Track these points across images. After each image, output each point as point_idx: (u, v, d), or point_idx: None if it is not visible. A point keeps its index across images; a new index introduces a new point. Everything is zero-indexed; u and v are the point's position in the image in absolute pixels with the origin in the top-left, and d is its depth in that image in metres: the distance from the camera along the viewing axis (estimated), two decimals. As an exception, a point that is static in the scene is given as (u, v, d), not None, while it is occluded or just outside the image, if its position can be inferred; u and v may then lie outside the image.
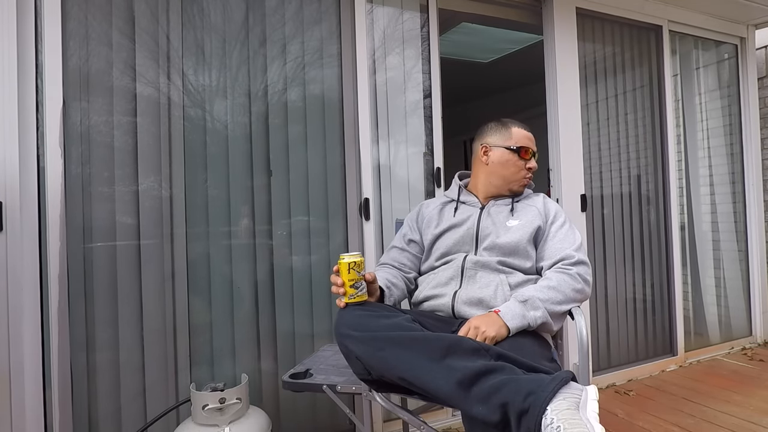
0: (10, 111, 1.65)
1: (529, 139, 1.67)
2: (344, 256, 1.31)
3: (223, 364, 1.99)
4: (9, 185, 1.64)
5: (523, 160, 1.64)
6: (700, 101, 3.33)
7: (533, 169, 1.66)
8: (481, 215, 1.61)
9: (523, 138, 1.65)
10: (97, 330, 1.80)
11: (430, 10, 2.42)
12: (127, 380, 1.83)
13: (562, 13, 2.66)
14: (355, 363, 1.27)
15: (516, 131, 1.66)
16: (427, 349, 1.15)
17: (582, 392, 1.02)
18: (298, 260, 2.14)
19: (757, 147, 3.38)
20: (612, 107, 2.92)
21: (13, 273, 1.64)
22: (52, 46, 1.73)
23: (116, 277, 1.83)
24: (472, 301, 1.46)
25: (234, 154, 2.03)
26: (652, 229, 3.02)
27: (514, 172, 1.64)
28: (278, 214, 2.10)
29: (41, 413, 1.68)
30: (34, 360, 1.67)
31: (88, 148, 1.81)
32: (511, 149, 1.63)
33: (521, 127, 1.67)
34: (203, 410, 1.61)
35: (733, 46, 3.38)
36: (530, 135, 1.68)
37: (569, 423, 0.93)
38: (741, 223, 3.36)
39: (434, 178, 2.39)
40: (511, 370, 1.09)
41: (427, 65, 2.41)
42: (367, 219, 2.22)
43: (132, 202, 1.87)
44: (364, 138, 2.22)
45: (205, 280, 1.97)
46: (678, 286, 3.04)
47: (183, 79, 1.97)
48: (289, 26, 2.15)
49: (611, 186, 2.89)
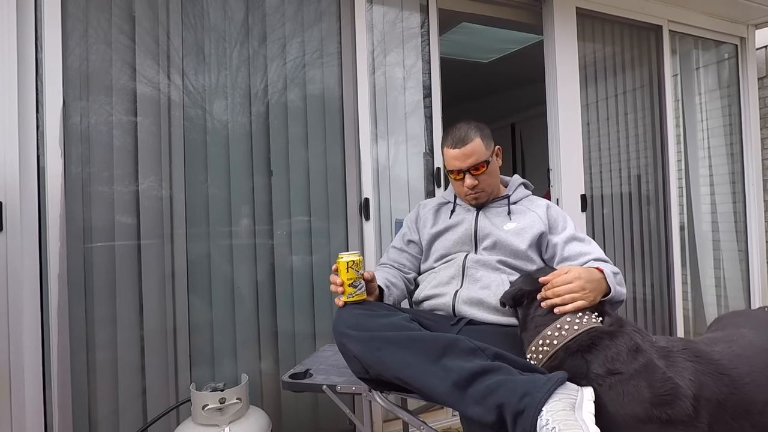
0: (10, 111, 1.65)
1: (455, 159, 1.53)
2: (343, 255, 1.31)
3: (223, 364, 1.99)
4: (9, 185, 1.64)
5: (456, 180, 1.58)
6: (700, 101, 3.33)
7: (471, 186, 1.55)
8: (478, 216, 1.61)
9: (450, 160, 1.55)
10: (97, 330, 1.80)
11: (430, 10, 2.42)
12: (127, 380, 1.83)
13: (562, 13, 2.66)
14: (354, 362, 1.27)
15: (446, 152, 1.56)
16: (424, 350, 1.15)
17: (578, 392, 1.02)
18: (298, 260, 2.14)
19: (757, 147, 3.38)
20: (612, 107, 2.91)
21: (13, 273, 1.64)
22: (52, 45, 1.73)
23: (116, 277, 1.83)
24: (473, 301, 1.46)
25: (234, 154, 2.03)
26: (652, 229, 3.02)
27: (459, 191, 1.62)
28: (278, 214, 2.10)
29: (41, 413, 1.68)
30: (34, 360, 1.67)
31: (88, 148, 1.81)
32: (446, 171, 1.61)
33: (449, 146, 1.55)
34: (203, 410, 1.61)
35: (733, 46, 3.37)
36: (457, 152, 1.52)
37: (564, 424, 0.93)
38: (741, 223, 3.36)
39: (434, 178, 2.39)
40: (507, 370, 1.09)
41: (427, 65, 2.41)
42: (367, 219, 2.22)
43: (132, 202, 1.87)
44: (364, 138, 2.22)
45: (206, 280, 1.97)
46: (678, 286, 3.04)
47: (183, 79, 1.97)
48: (289, 26, 2.15)
49: (611, 186, 2.89)
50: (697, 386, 1.00)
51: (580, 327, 1.14)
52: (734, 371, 1.03)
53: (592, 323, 1.15)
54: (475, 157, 1.53)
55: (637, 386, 1.01)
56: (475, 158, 1.53)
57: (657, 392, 1.00)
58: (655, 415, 0.98)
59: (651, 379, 1.01)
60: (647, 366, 1.03)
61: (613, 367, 1.06)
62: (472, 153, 1.52)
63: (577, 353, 1.11)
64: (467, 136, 1.53)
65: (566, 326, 1.15)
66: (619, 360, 1.06)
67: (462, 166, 1.53)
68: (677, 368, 1.03)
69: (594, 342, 1.10)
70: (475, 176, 1.54)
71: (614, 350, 1.08)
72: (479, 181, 1.55)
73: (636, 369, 1.03)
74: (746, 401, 1.01)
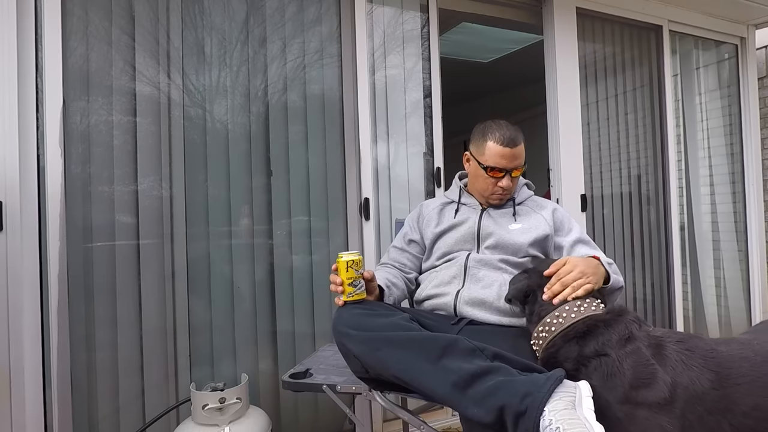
0: (10, 111, 1.64)
1: (502, 157, 1.52)
2: (342, 254, 1.32)
3: (223, 363, 1.99)
4: (9, 185, 1.64)
5: (493, 178, 1.56)
6: (700, 101, 3.33)
7: (506, 187, 1.55)
8: (482, 216, 1.61)
9: (494, 156, 1.53)
10: (97, 330, 1.79)
11: (430, 10, 2.42)
12: (127, 380, 1.83)
13: (562, 13, 2.66)
14: (353, 361, 1.27)
15: (490, 147, 1.53)
16: (424, 350, 1.15)
17: (576, 389, 1.02)
18: (298, 260, 2.14)
19: (757, 147, 3.38)
20: (612, 107, 2.91)
21: (13, 273, 1.64)
22: (52, 45, 1.73)
23: (116, 276, 1.83)
24: (474, 301, 1.46)
25: (234, 154, 2.03)
26: (652, 229, 3.02)
27: (484, 188, 1.59)
28: (278, 214, 2.10)
29: (41, 413, 1.68)
30: (34, 360, 1.67)
31: (88, 148, 1.81)
32: (482, 166, 1.56)
33: (498, 142, 1.53)
34: (203, 410, 1.61)
35: (733, 46, 3.37)
36: (507, 151, 1.52)
37: (568, 423, 0.93)
38: (741, 223, 3.36)
39: (434, 178, 2.39)
40: (507, 371, 1.09)
41: (427, 65, 2.41)
42: (367, 219, 2.22)
43: (132, 202, 1.87)
44: (364, 138, 2.22)
45: (205, 279, 1.97)
46: (678, 286, 3.04)
47: (183, 79, 1.97)
48: (290, 26, 2.15)
49: (611, 186, 2.89)
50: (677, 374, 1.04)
51: (578, 315, 1.18)
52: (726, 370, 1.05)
53: (591, 311, 1.19)
54: (520, 160, 1.57)
55: (620, 368, 1.07)
56: (520, 161, 1.57)
57: (638, 375, 1.04)
58: (631, 395, 1.03)
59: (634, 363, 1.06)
60: (634, 352, 1.08)
61: (601, 350, 1.10)
62: (520, 155, 1.56)
63: (573, 340, 1.15)
64: (518, 138, 1.56)
65: (564, 314, 1.19)
66: (609, 345, 1.11)
67: (508, 166, 1.54)
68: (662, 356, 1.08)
69: (589, 329, 1.15)
70: (513, 179, 1.58)
71: (606, 337, 1.12)
72: (513, 184, 1.58)
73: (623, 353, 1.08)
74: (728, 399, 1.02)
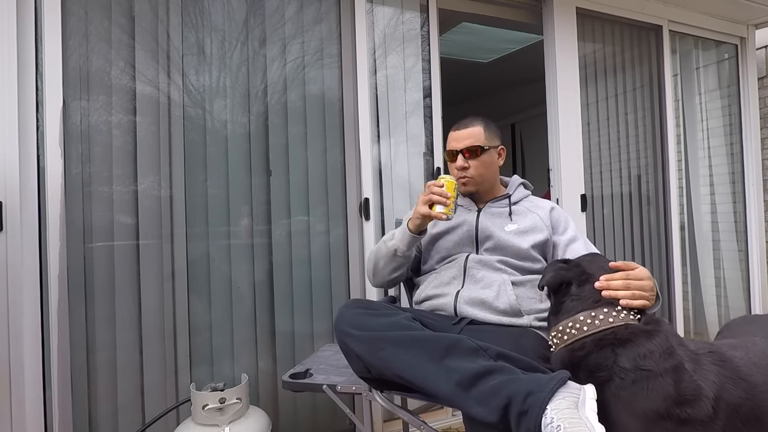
0: (10, 111, 1.64)
1: (452, 140, 1.60)
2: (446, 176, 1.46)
3: (223, 364, 1.99)
4: (9, 185, 1.64)
5: (452, 163, 1.60)
6: (700, 101, 3.33)
7: (459, 168, 1.58)
8: (479, 217, 1.61)
9: (449, 142, 1.61)
10: (97, 330, 1.79)
11: (430, 10, 2.42)
12: (127, 380, 1.83)
13: (562, 13, 2.66)
14: (355, 361, 1.27)
15: (448, 136, 1.62)
16: (427, 350, 1.15)
17: (580, 391, 1.02)
18: (298, 260, 2.14)
19: (757, 147, 3.38)
20: (612, 107, 2.91)
21: (13, 273, 1.64)
22: (52, 45, 1.73)
23: (116, 276, 1.83)
24: (474, 301, 1.46)
25: (234, 154, 2.03)
26: (652, 229, 3.02)
27: (452, 173, 1.62)
28: (278, 214, 2.10)
29: (41, 413, 1.68)
30: (34, 360, 1.67)
31: (88, 148, 1.81)
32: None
33: (454, 127, 1.62)
34: (203, 410, 1.61)
35: (733, 46, 3.37)
36: (455, 133, 1.60)
37: (569, 422, 0.93)
38: (741, 223, 3.36)
39: (434, 178, 2.38)
40: (510, 370, 1.09)
41: (427, 65, 2.41)
42: (367, 219, 2.22)
43: (132, 202, 1.87)
44: (364, 138, 2.22)
45: (205, 279, 1.97)
46: (678, 286, 3.04)
47: (183, 79, 1.97)
48: (290, 26, 2.15)
49: (611, 186, 2.89)
50: (719, 389, 1.02)
51: (616, 321, 1.13)
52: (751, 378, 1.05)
53: (629, 319, 1.14)
54: (471, 140, 1.58)
55: (663, 383, 1.03)
56: (471, 141, 1.57)
57: (682, 392, 1.01)
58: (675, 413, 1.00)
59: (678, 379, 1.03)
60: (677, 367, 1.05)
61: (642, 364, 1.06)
62: (469, 136, 1.58)
63: (609, 346, 1.10)
64: (470, 122, 1.60)
65: (601, 316, 1.14)
66: (651, 358, 1.06)
67: (457, 147, 1.58)
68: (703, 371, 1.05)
69: (630, 338, 1.10)
70: (467, 159, 1.57)
71: (648, 348, 1.08)
72: (470, 165, 1.57)
73: (666, 368, 1.05)
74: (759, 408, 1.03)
